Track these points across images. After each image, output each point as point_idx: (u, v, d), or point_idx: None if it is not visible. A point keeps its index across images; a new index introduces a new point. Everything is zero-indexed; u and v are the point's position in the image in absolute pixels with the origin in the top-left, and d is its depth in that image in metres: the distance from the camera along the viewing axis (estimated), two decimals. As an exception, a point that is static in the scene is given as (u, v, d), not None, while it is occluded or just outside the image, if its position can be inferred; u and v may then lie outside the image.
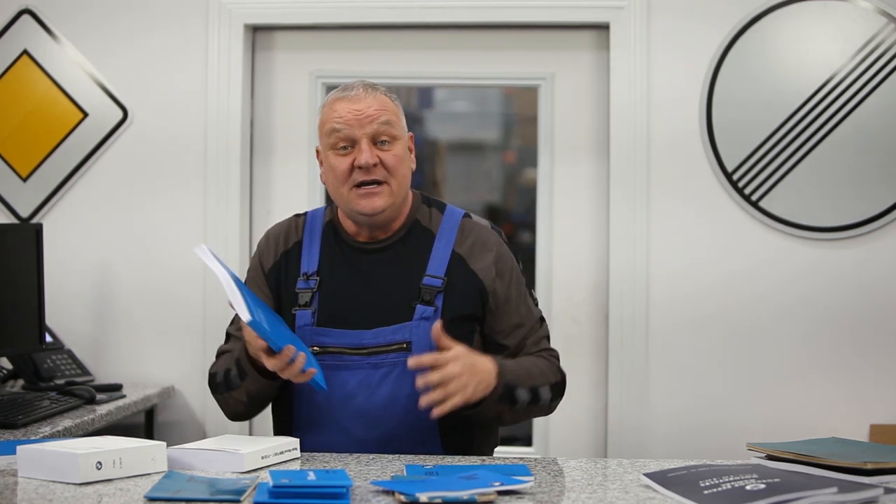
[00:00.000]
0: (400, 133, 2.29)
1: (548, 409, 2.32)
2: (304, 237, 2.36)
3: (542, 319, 2.38)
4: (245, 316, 2.00)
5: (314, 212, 2.42)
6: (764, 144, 3.42)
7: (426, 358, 2.11)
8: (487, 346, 2.31)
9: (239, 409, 2.30)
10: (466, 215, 2.37)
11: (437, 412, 2.10)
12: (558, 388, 2.32)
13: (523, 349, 2.32)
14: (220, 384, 2.30)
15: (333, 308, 2.27)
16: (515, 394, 2.20)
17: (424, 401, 2.09)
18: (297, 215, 2.43)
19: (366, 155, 2.23)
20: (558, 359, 2.37)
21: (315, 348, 2.24)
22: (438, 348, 2.13)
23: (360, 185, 2.25)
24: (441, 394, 2.09)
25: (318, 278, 2.30)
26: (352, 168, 2.25)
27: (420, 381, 2.10)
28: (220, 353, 2.39)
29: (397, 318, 2.24)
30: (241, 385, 2.24)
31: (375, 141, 2.25)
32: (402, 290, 2.26)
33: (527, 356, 2.31)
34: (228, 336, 2.38)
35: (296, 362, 2.08)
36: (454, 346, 2.12)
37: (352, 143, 2.26)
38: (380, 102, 2.27)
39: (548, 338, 2.38)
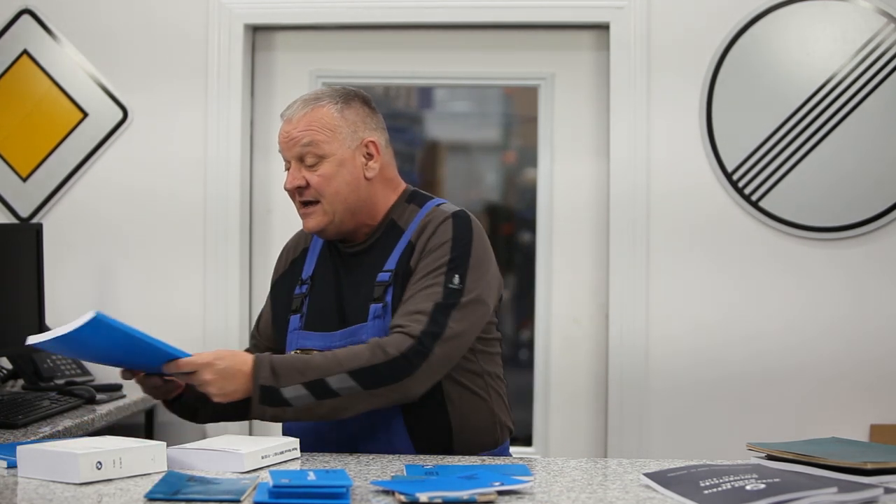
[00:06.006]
0: (328, 151, 2.22)
1: (368, 395, 2.08)
2: (311, 243, 2.39)
3: (450, 306, 2.13)
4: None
5: None
6: (764, 144, 3.42)
7: (182, 363, 2.06)
8: None
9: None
10: (439, 205, 2.29)
11: None
12: (369, 373, 2.08)
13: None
14: None
15: (315, 312, 2.30)
16: (281, 394, 2.08)
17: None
18: None
19: (288, 179, 2.26)
20: (415, 336, 2.10)
21: (298, 351, 2.24)
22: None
23: (302, 203, 2.27)
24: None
25: (310, 283, 2.33)
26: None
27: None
28: None
29: (358, 319, 2.23)
30: None
31: (303, 162, 2.24)
32: (364, 291, 2.25)
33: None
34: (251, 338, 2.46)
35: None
36: (204, 355, 2.08)
37: (289, 164, 2.27)
38: (308, 121, 2.22)
39: (428, 315, 2.12)
